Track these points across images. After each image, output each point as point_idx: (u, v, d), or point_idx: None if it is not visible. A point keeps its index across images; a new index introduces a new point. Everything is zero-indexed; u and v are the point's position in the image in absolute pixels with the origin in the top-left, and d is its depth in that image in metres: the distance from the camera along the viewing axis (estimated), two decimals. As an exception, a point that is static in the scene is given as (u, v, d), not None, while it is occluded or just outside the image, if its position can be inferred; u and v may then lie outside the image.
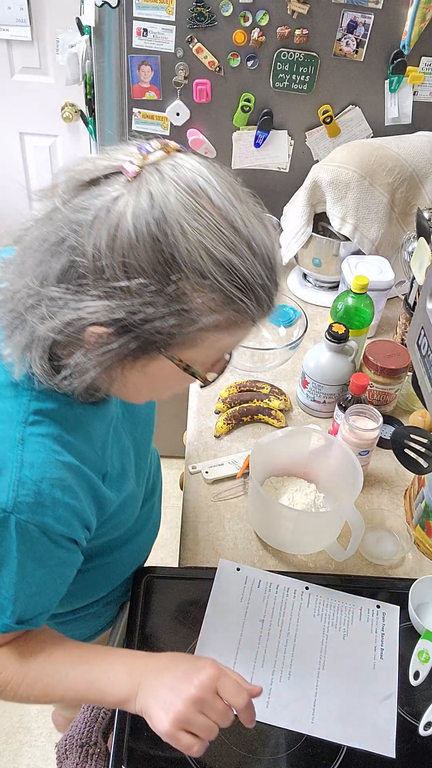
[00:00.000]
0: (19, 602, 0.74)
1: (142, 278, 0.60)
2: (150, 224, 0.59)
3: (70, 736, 0.98)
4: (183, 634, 0.98)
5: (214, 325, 0.64)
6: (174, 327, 0.63)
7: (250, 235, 0.63)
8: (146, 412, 0.98)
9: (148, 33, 1.51)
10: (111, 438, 0.83)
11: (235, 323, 0.66)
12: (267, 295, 0.66)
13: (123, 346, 0.64)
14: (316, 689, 0.93)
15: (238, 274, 0.62)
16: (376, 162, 1.52)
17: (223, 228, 0.61)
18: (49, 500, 0.70)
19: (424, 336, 0.91)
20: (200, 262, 0.60)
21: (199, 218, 0.60)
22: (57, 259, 0.63)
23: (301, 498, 1.14)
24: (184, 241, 0.60)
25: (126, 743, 0.87)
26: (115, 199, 0.61)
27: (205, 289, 0.62)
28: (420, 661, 0.96)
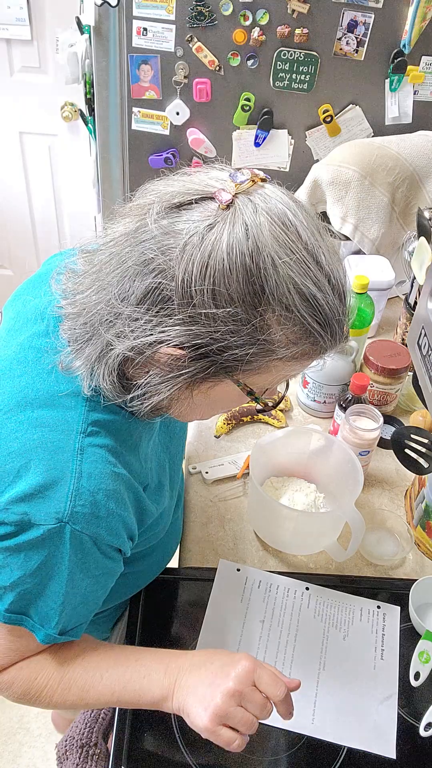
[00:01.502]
0: (65, 613, 0.75)
1: (230, 307, 0.61)
2: (245, 255, 0.60)
3: (70, 736, 0.98)
4: (183, 634, 0.98)
5: (290, 356, 0.65)
6: (253, 356, 0.64)
7: (330, 270, 0.64)
8: (180, 426, 0.98)
9: (148, 32, 1.51)
10: (152, 450, 0.84)
11: (307, 354, 0.67)
12: (341, 330, 0.68)
13: (199, 370, 0.65)
14: (316, 690, 0.93)
15: (320, 309, 0.63)
16: (376, 161, 1.52)
17: (309, 263, 0.62)
18: (104, 511, 0.71)
19: (424, 336, 0.91)
20: (288, 295, 0.62)
21: (289, 253, 0.61)
22: (141, 280, 0.63)
23: (302, 498, 1.13)
24: (274, 275, 0.61)
25: (126, 744, 0.87)
26: (210, 227, 0.61)
27: (288, 323, 0.63)
28: (420, 662, 0.96)
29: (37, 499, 0.68)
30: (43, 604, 0.73)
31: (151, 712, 0.89)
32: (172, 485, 0.95)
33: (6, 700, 1.85)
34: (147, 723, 0.89)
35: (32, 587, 0.72)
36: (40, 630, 0.75)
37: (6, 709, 1.84)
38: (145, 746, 0.87)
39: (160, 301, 0.63)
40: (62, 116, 2.28)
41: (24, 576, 0.71)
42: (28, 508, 0.68)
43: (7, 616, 0.74)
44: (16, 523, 0.68)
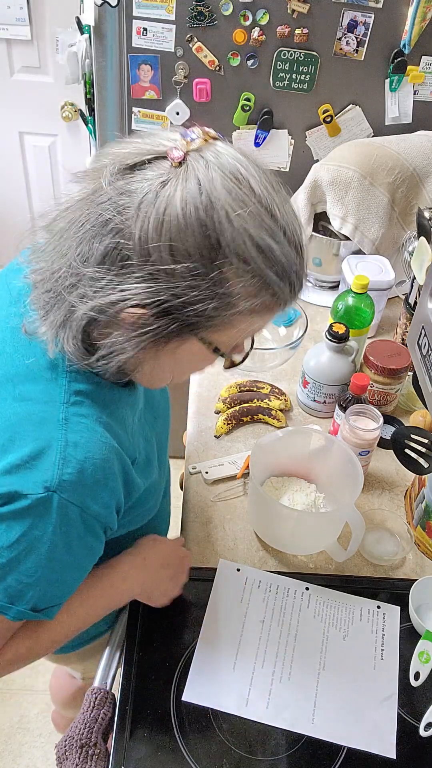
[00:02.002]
0: (39, 588, 0.74)
1: (188, 262, 0.62)
2: (199, 209, 0.61)
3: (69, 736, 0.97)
4: (183, 634, 0.98)
5: (251, 309, 0.66)
6: (214, 311, 0.65)
7: (285, 223, 0.65)
8: (163, 407, 0.99)
9: (148, 32, 1.51)
10: (138, 426, 0.85)
11: (268, 308, 0.68)
12: (298, 280, 0.69)
13: (161, 328, 0.65)
14: (316, 690, 0.93)
15: (277, 260, 0.65)
16: (376, 161, 1.52)
17: (263, 216, 0.63)
18: (91, 480, 0.71)
19: (424, 336, 0.91)
20: (244, 248, 0.62)
21: (243, 206, 0.62)
22: (99, 241, 0.64)
23: (301, 498, 1.13)
24: (229, 228, 0.62)
25: (126, 744, 0.87)
26: (163, 184, 0.62)
27: (246, 275, 0.64)
28: (420, 662, 0.96)
29: (24, 469, 0.68)
30: (13, 579, 0.72)
31: (151, 712, 0.89)
32: (161, 464, 0.96)
33: (6, 701, 1.85)
34: (147, 723, 0.89)
35: (6, 561, 0.71)
36: (9, 609, 0.74)
37: (6, 709, 1.84)
38: (145, 746, 0.87)
39: (119, 261, 0.64)
40: (62, 116, 2.28)
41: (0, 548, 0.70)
42: (16, 479, 0.68)
43: None
44: (3, 495, 0.68)
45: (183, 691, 0.92)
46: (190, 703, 0.91)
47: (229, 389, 1.37)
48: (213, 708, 0.90)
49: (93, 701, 0.96)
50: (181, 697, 0.91)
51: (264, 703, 0.91)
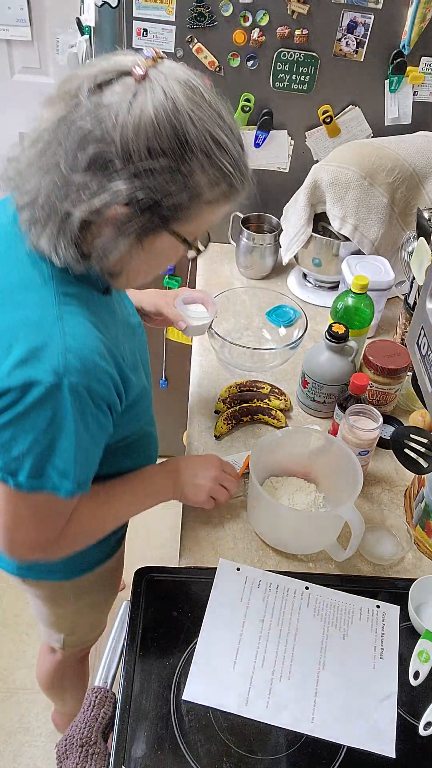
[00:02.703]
0: (78, 466, 0.84)
1: (162, 158, 0.73)
2: (168, 113, 0.72)
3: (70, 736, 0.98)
4: (183, 634, 0.98)
5: (214, 198, 0.79)
6: (185, 201, 0.76)
7: (230, 123, 0.79)
8: (138, 326, 1.08)
9: (148, 33, 1.51)
10: (120, 333, 0.94)
11: (226, 197, 0.81)
12: (246, 171, 0.81)
13: (143, 222, 0.76)
14: (316, 689, 0.93)
15: (230, 153, 0.77)
16: (376, 162, 1.52)
17: (215, 117, 0.76)
18: (92, 365, 0.80)
19: (424, 336, 0.91)
20: (205, 144, 0.75)
21: (200, 109, 0.75)
22: (84, 150, 0.73)
23: (301, 498, 1.14)
24: (193, 128, 0.74)
25: (126, 743, 0.87)
26: (135, 96, 0.73)
27: (209, 167, 0.76)
28: (420, 661, 0.96)
29: (33, 360, 0.76)
30: (59, 460, 0.82)
31: (151, 711, 0.90)
32: (147, 378, 1.06)
33: (7, 700, 1.85)
34: (147, 723, 0.89)
35: (46, 447, 0.80)
36: (61, 486, 0.84)
37: (7, 708, 1.84)
38: (145, 745, 0.87)
39: (104, 166, 0.73)
40: (62, 117, 2.28)
41: (37, 437, 0.79)
42: (28, 370, 0.76)
43: (29, 483, 0.82)
44: (20, 386, 0.76)
45: (183, 690, 0.92)
46: (191, 702, 0.91)
47: (229, 389, 1.38)
48: (213, 707, 0.91)
49: (93, 700, 0.96)
50: (181, 696, 0.91)
51: (264, 702, 0.91)
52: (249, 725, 0.89)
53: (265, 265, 1.73)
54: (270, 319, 1.51)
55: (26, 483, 0.82)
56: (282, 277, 1.76)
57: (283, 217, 1.70)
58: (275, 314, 1.50)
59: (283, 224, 1.69)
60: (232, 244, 1.79)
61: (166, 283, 1.94)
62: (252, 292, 1.53)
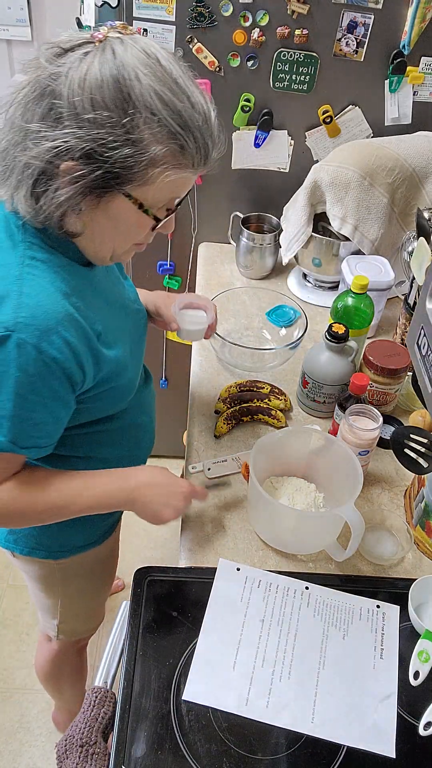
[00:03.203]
0: (15, 422, 0.85)
1: (105, 111, 0.75)
2: (113, 69, 0.76)
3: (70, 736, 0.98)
4: (183, 634, 0.98)
5: (161, 158, 0.79)
6: (129, 157, 0.77)
7: (189, 91, 0.79)
8: (136, 311, 1.11)
9: (148, 33, 1.51)
10: (103, 305, 0.96)
11: (177, 161, 0.80)
12: (203, 140, 0.81)
13: (89, 174, 0.78)
14: (316, 689, 0.93)
15: (179, 114, 0.78)
16: (376, 162, 1.52)
17: (167, 80, 0.78)
18: (45, 326, 0.82)
19: (424, 336, 0.91)
20: (150, 101, 0.76)
21: (150, 70, 0.77)
22: (39, 104, 0.78)
23: (301, 498, 1.14)
24: (138, 84, 0.76)
25: (126, 744, 0.87)
26: (86, 53, 0.77)
27: (153, 123, 0.77)
28: (420, 661, 0.96)
29: None
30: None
31: (151, 711, 0.90)
32: (134, 354, 1.05)
33: (7, 700, 1.85)
34: (147, 723, 0.89)
35: None
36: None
37: (7, 708, 1.84)
38: (145, 745, 0.87)
39: (55, 117, 0.77)
40: (62, 117, 2.28)
41: None
42: None
43: None
44: None
45: (183, 690, 0.92)
46: (191, 702, 0.91)
47: (229, 389, 1.38)
48: (213, 707, 0.91)
49: (93, 700, 0.96)
50: (181, 696, 0.91)
51: (264, 702, 0.91)
52: (249, 725, 0.89)
53: (265, 265, 1.73)
54: (270, 319, 1.51)
55: None
56: (282, 277, 1.76)
57: (283, 217, 1.70)
58: (275, 314, 1.50)
59: (283, 224, 1.69)
60: (232, 244, 1.80)
61: (166, 283, 1.94)
62: (252, 292, 1.53)
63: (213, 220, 1.82)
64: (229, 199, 1.78)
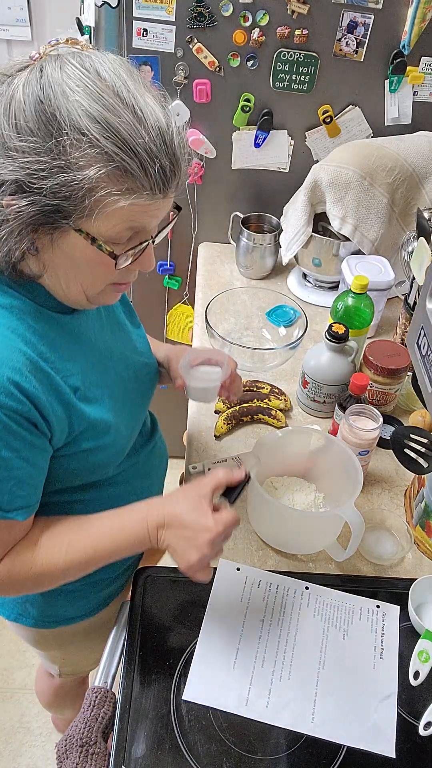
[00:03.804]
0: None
1: (30, 136, 0.68)
2: (35, 89, 0.69)
3: (70, 736, 0.98)
4: (183, 634, 0.98)
5: (100, 183, 0.69)
6: (63, 185, 0.69)
7: (135, 104, 0.70)
8: (142, 362, 1.03)
9: (148, 33, 1.51)
10: (86, 356, 0.89)
11: (122, 185, 0.70)
12: (153, 161, 0.70)
13: (27, 208, 0.70)
14: (316, 689, 0.93)
15: (115, 132, 0.68)
16: (376, 162, 1.52)
17: (104, 94, 0.69)
18: (1, 377, 0.74)
19: (424, 336, 0.91)
20: (78, 120, 0.68)
21: (81, 85, 0.69)
22: None
23: (301, 498, 1.14)
24: (64, 102, 0.68)
25: (126, 744, 0.87)
26: (14, 77, 0.71)
27: (83, 144, 0.68)
28: (420, 661, 0.96)
29: None
30: None
31: (151, 711, 0.90)
32: (124, 409, 0.95)
33: (7, 700, 1.85)
34: (147, 723, 0.89)
35: None
36: None
37: (7, 708, 1.84)
38: (145, 745, 0.87)
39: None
40: (62, 117, 2.28)
41: None
42: None
43: None
44: None
45: (183, 690, 0.92)
46: (190, 702, 0.91)
47: (229, 389, 1.38)
48: (213, 707, 0.91)
49: (93, 700, 0.96)
50: (181, 696, 0.91)
51: (264, 702, 0.91)
52: (249, 725, 0.89)
53: (265, 265, 1.73)
54: (270, 319, 1.51)
55: None
56: (282, 277, 1.76)
57: (283, 217, 1.70)
58: (275, 314, 1.50)
59: (283, 224, 1.69)
60: (232, 244, 1.80)
61: (166, 283, 1.94)
62: (252, 292, 1.53)
63: (213, 220, 1.82)
64: (229, 199, 1.78)
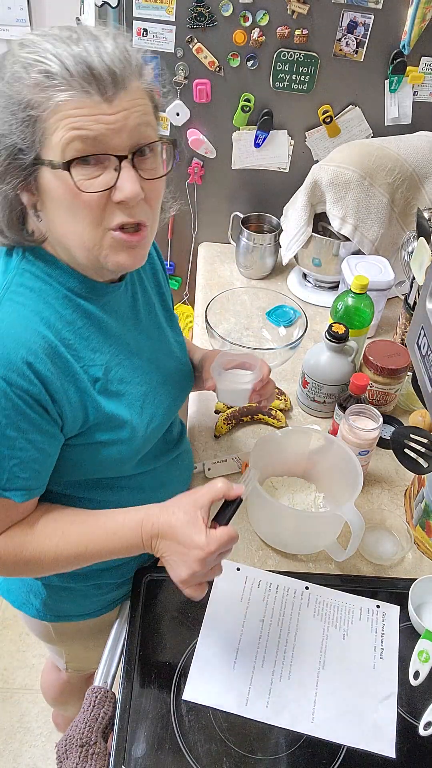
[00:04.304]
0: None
1: None
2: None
3: (70, 736, 0.98)
4: (183, 634, 0.98)
5: (29, 96, 0.70)
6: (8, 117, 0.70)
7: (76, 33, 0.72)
8: (175, 367, 1.02)
9: (148, 33, 1.51)
10: (113, 351, 0.89)
11: (51, 86, 0.69)
12: (78, 62, 0.69)
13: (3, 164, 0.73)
14: (316, 689, 0.93)
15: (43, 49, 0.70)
16: (376, 162, 1.52)
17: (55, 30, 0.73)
18: (12, 356, 0.75)
19: (424, 336, 0.91)
20: (13, 54, 0.72)
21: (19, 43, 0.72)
22: None
23: (301, 498, 1.14)
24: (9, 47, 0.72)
25: (126, 743, 0.87)
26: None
27: (15, 66, 0.71)
28: (420, 661, 0.96)
29: None
30: None
31: (151, 711, 0.90)
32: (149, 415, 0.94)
33: (7, 700, 1.85)
34: (147, 723, 0.89)
35: None
36: None
37: (7, 708, 1.84)
38: (145, 745, 0.87)
39: None
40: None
41: None
42: None
43: None
44: None
45: (183, 690, 0.92)
46: (191, 702, 0.91)
47: (229, 389, 1.38)
48: (213, 707, 0.91)
49: (93, 700, 0.96)
50: (181, 696, 0.91)
51: (264, 702, 0.91)
52: (249, 725, 0.89)
53: (265, 265, 1.73)
54: (270, 319, 1.51)
55: None
56: (282, 277, 1.76)
57: (283, 217, 1.70)
58: (275, 314, 1.50)
59: (283, 224, 1.69)
60: (232, 244, 1.80)
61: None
62: (252, 292, 1.53)
63: (213, 220, 1.82)
64: (229, 199, 1.78)
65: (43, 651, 1.96)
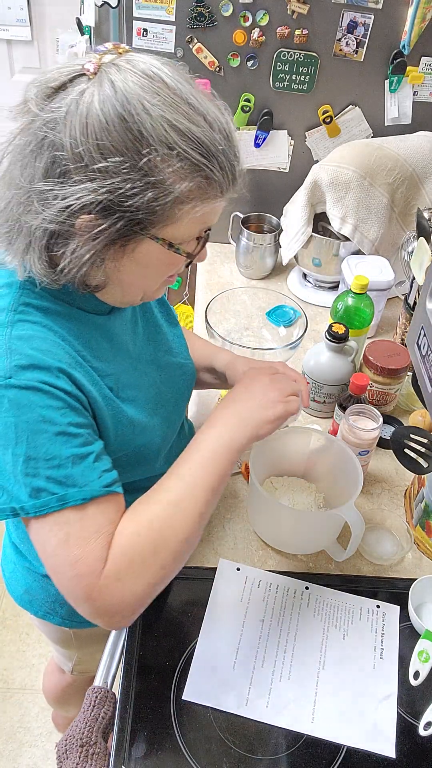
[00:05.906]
0: (69, 467, 0.75)
1: (116, 156, 0.67)
2: (116, 106, 0.67)
3: (70, 736, 0.98)
4: (183, 634, 0.98)
5: (187, 194, 0.71)
6: (152, 201, 0.70)
7: (204, 110, 0.71)
8: (176, 363, 1.02)
9: (148, 33, 1.51)
10: (118, 358, 0.89)
11: (205, 193, 0.73)
12: (229, 163, 0.73)
13: (110, 227, 0.70)
14: (316, 689, 0.93)
15: (199, 142, 0.70)
16: (376, 162, 1.52)
17: (179, 104, 0.69)
18: (43, 363, 0.75)
19: (424, 336, 0.91)
20: (165, 134, 0.68)
21: (157, 96, 0.68)
22: (40, 159, 0.70)
23: (301, 498, 1.14)
24: (148, 118, 0.67)
25: (126, 743, 0.87)
26: (82, 93, 0.68)
27: (173, 159, 0.69)
28: (420, 661, 0.96)
29: None
30: (45, 466, 0.73)
31: (151, 711, 0.90)
32: (159, 410, 0.95)
33: (7, 700, 1.85)
34: (147, 722, 0.89)
35: (26, 456, 0.73)
36: (68, 496, 0.74)
37: (7, 708, 1.84)
38: (145, 746, 0.87)
39: (60, 172, 0.69)
40: (62, 117, 2.28)
41: (9, 448, 0.73)
42: None
43: (33, 504, 0.74)
44: None
45: (183, 690, 0.92)
46: (191, 702, 0.91)
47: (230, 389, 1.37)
48: (213, 707, 0.91)
49: (93, 700, 0.96)
50: (181, 696, 0.91)
51: (264, 702, 0.91)
52: (249, 725, 0.89)
53: (265, 265, 1.73)
54: (270, 319, 1.50)
55: (30, 505, 0.74)
56: (282, 277, 1.76)
57: (283, 217, 1.70)
58: (275, 314, 1.50)
59: (283, 224, 1.69)
60: (232, 244, 1.79)
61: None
62: (252, 292, 1.53)
63: (213, 220, 1.82)
64: (229, 199, 1.78)
65: (43, 651, 1.96)
